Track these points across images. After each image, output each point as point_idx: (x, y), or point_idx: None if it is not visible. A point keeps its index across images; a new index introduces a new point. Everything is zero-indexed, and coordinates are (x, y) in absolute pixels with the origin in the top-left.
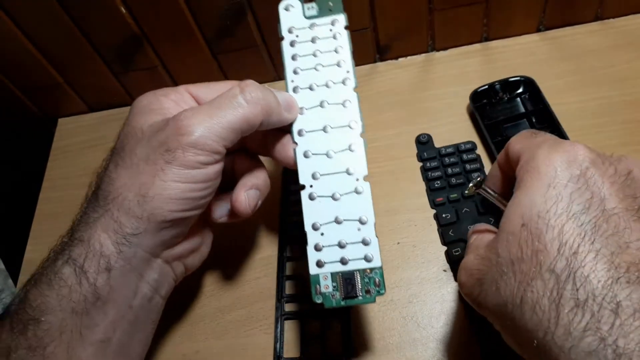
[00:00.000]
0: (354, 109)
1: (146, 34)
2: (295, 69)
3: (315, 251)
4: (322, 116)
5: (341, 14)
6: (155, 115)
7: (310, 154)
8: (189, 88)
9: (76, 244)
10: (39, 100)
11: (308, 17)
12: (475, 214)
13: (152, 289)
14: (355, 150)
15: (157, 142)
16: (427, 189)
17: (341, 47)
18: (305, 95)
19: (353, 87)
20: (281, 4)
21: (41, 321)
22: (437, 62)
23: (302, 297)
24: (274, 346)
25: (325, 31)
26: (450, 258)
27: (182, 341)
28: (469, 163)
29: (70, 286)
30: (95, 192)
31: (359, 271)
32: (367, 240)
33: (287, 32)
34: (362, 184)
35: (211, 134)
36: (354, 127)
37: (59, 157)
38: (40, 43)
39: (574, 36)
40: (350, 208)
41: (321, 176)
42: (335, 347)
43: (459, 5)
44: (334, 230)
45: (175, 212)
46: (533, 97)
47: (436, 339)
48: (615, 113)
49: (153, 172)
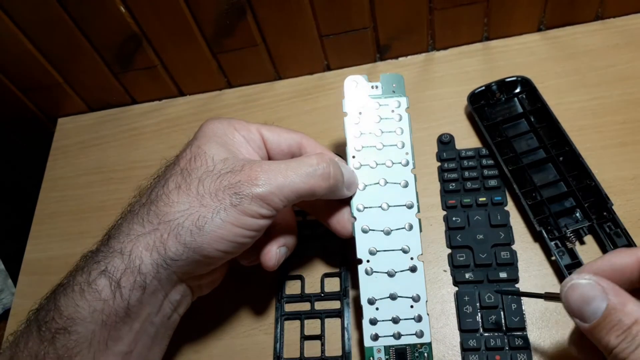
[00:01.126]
0: (412, 190)
1: (146, 33)
2: (357, 145)
3: (370, 325)
4: (381, 194)
5: (404, 97)
6: (226, 149)
7: (369, 229)
8: (261, 129)
9: (115, 256)
10: (39, 100)
11: (372, 96)
12: (487, 224)
13: (173, 308)
14: (412, 229)
15: (228, 182)
16: (442, 189)
17: (403, 128)
18: (366, 172)
19: (411, 169)
20: (347, 79)
21: (71, 331)
22: (437, 62)
23: (302, 297)
24: (274, 346)
25: (388, 112)
26: (453, 262)
27: (182, 341)
28: (488, 169)
29: (104, 300)
30: (146, 205)
31: (411, 346)
32: (419, 317)
33: (350, 108)
34: (416, 262)
35: (279, 193)
36: (411, 207)
37: (59, 157)
38: (40, 43)
39: (574, 36)
40: (405, 285)
41: (378, 252)
42: (335, 347)
43: (459, 5)
44: (388, 306)
45: (220, 251)
46: (530, 96)
47: (436, 339)
48: (615, 113)
49: (216, 209)
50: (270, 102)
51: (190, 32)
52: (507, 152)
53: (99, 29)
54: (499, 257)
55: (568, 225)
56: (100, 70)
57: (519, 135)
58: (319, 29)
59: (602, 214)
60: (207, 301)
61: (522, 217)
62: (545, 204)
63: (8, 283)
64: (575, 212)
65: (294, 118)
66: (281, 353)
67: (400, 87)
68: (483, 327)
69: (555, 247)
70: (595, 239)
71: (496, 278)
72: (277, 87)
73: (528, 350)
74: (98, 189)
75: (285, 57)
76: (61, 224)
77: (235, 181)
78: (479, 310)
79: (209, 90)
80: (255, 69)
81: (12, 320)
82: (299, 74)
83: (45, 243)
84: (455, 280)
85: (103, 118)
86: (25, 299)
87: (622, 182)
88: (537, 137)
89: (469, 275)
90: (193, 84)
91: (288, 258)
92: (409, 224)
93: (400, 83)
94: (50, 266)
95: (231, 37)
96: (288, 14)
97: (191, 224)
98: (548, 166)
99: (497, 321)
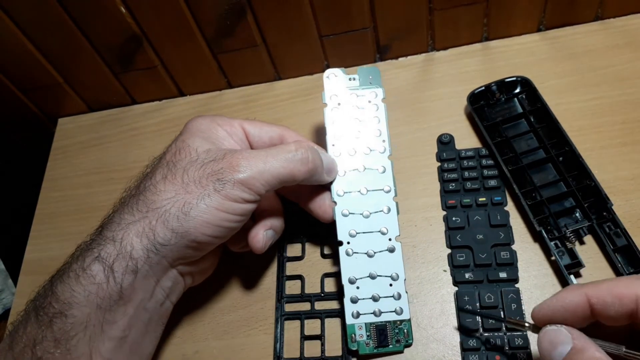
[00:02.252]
0: (389, 175)
1: (146, 33)
2: (336, 134)
3: (351, 303)
4: (359, 179)
5: (380, 88)
6: (210, 142)
7: (348, 212)
8: (243, 123)
9: (107, 243)
10: (39, 100)
11: (350, 88)
12: (487, 224)
13: (165, 295)
14: (389, 212)
15: (211, 170)
16: (442, 189)
17: (379, 117)
18: (346, 159)
19: (388, 155)
20: (325, 73)
21: (67, 315)
22: (437, 62)
23: (302, 297)
24: (274, 346)
25: (365, 102)
26: (453, 262)
27: (182, 341)
28: (487, 169)
29: (98, 283)
30: (135, 196)
31: (390, 323)
32: (398, 294)
33: (329, 99)
34: (394, 243)
35: (260, 178)
36: (388, 192)
37: (59, 157)
38: (40, 43)
39: (574, 36)
40: (384, 265)
41: (357, 234)
42: (335, 347)
43: (459, 5)
44: (368, 285)
45: (207, 236)
46: (530, 96)
47: (436, 340)
48: (615, 113)
49: (200, 195)
50: (270, 103)
51: (190, 32)
52: (507, 152)
53: (100, 29)
54: (499, 257)
55: (568, 225)
56: (101, 71)
57: (519, 136)
58: (319, 29)
59: (602, 214)
60: (208, 301)
61: (522, 217)
62: (545, 204)
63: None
64: (575, 212)
65: (294, 118)
66: (281, 353)
67: (376, 78)
68: (483, 327)
69: (555, 247)
70: (595, 239)
71: (496, 278)
72: (277, 88)
73: (528, 350)
74: (98, 189)
75: (285, 57)
76: (61, 224)
77: (218, 168)
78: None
79: (209, 90)
80: (255, 69)
81: (12, 320)
82: (299, 74)
83: (46, 243)
84: (455, 280)
85: (103, 118)
86: (26, 298)
87: (621, 182)
88: (536, 137)
89: (469, 275)
90: (193, 84)
91: (288, 258)
92: (387, 207)
93: (376, 75)
94: (51, 266)
95: (231, 37)
96: (288, 14)
97: (177, 210)
98: (548, 166)
99: (496, 321)
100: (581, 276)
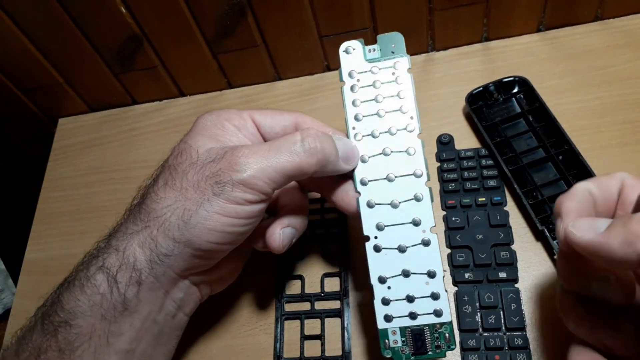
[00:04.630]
0: (419, 157)
1: (146, 33)
2: (357, 115)
3: (382, 305)
4: (385, 165)
5: (404, 57)
6: (214, 140)
7: (374, 203)
8: (253, 115)
9: (111, 252)
10: (39, 100)
11: (369, 60)
12: (486, 224)
13: (177, 307)
14: (422, 199)
15: (210, 171)
16: (441, 189)
17: (404, 91)
18: (367, 143)
19: (417, 134)
20: (342, 46)
21: (72, 324)
22: (437, 62)
23: (302, 297)
24: (274, 346)
25: (388, 75)
26: (453, 262)
27: (182, 341)
28: (487, 169)
29: (102, 294)
30: (139, 204)
31: (429, 326)
32: (436, 294)
33: (347, 76)
34: (429, 235)
35: (262, 176)
36: (420, 176)
37: (59, 157)
38: (40, 43)
39: (574, 36)
40: (418, 260)
41: (386, 227)
42: (335, 347)
43: (459, 5)
44: (401, 284)
45: (212, 243)
46: (528, 96)
47: None
48: (615, 113)
49: (199, 201)
50: (271, 103)
51: (190, 32)
52: (506, 152)
53: (100, 30)
54: (499, 257)
55: None
56: (101, 71)
57: (518, 135)
58: (319, 29)
59: None
60: (207, 301)
61: (523, 216)
62: (546, 202)
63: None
64: None
65: None
66: (281, 353)
67: (400, 46)
68: (482, 327)
69: (557, 246)
70: None
71: (496, 278)
72: (277, 88)
73: (527, 350)
74: (98, 189)
75: (285, 57)
76: (61, 224)
77: (216, 169)
78: (479, 310)
79: (210, 90)
80: (255, 69)
81: (12, 320)
82: (299, 75)
83: (46, 243)
84: (455, 280)
85: (104, 118)
86: (26, 298)
87: None
88: (536, 137)
89: (469, 275)
90: (193, 85)
91: (288, 259)
92: (419, 194)
93: (399, 42)
94: (51, 266)
95: (231, 37)
96: (288, 14)
97: (177, 218)
98: (548, 165)
99: (496, 321)
100: None
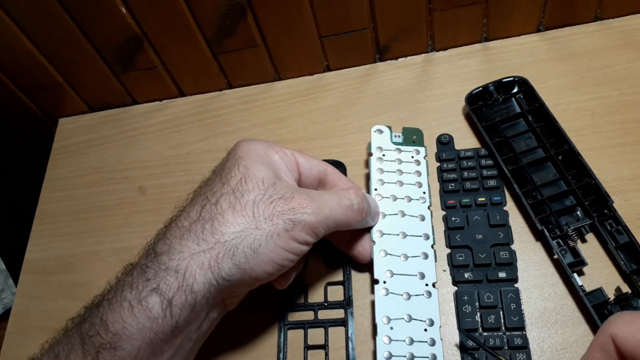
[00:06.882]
0: (428, 224)
1: (146, 34)
2: (381, 179)
3: (384, 343)
4: (400, 223)
5: (422, 147)
6: (272, 171)
7: (386, 253)
8: (295, 154)
9: (168, 274)
10: (39, 100)
11: (395, 143)
12: (486, 224)
13: (209, 325)
14: (427, 258)
15: (282, 208)
16: (441, 189)
17: (420, 172)
18: (386, 203)
19: (428, 206)
20: (373, 128)
21: (117, 347)
22: (437, 63)
23: (306, 306)
24: (277, 356)
25: (408, 156)
26: (453, 262)
27: None
28: (487, 169)
29: (153, 318)
30: (199, 223)
31: None
32: (432, 340)
33: (376, 149)
34: (431, 289)
35: (324, 223)
36: (428, 239)
37: (59, 157)
38: (41, 43)
39: (574, 36)
40: (420, 308)
41: (395, 275)
42: (339, 357)
43: (458, 6)
44: (403, 327)
45: (267, 273)
46: (528, 96)
47: None
48: (614, 113)
49: (270, 233)
50: (270, 103)
51: (190, 32)
52: (506, 152)
53: (100, 30)
54: (498, 256)
55: (569, 224)
56: (101, 71)
57: (518, 135)
58: (319, 29)
59: (603, 212)
60: None
61: (522, 216)
62: (546, 202)
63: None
64: (576, 211)
65: (294, 118)
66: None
67: (420, 139)
68: (482, 326)
69: (557, 246)
70: (597, 236)
71: (495, 278)
72: (277, 88)
73: (527, 350)
74: (98, 189)
75: (285, 57)
76: (61, 224)
77: (289, 208)
78: (478, 310)
79: (210, 90)
80: (255, 69)
81: (12, 319)
82: (298, 75)
83: (46, 243)
84: (455, 280)
85: (104, 118)
86: (26, 298)
87: (621, 182)
88: (535, 137)
89: (468, 275)
90: (193, 85)
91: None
92: (425, 253)
93: (420, 136)
94: (51, 266)
95: (231, 37)
96: (288, 14)
97: (246, 246)
98: (547, 165)
99: (496, 321)
100: (584, 274)
